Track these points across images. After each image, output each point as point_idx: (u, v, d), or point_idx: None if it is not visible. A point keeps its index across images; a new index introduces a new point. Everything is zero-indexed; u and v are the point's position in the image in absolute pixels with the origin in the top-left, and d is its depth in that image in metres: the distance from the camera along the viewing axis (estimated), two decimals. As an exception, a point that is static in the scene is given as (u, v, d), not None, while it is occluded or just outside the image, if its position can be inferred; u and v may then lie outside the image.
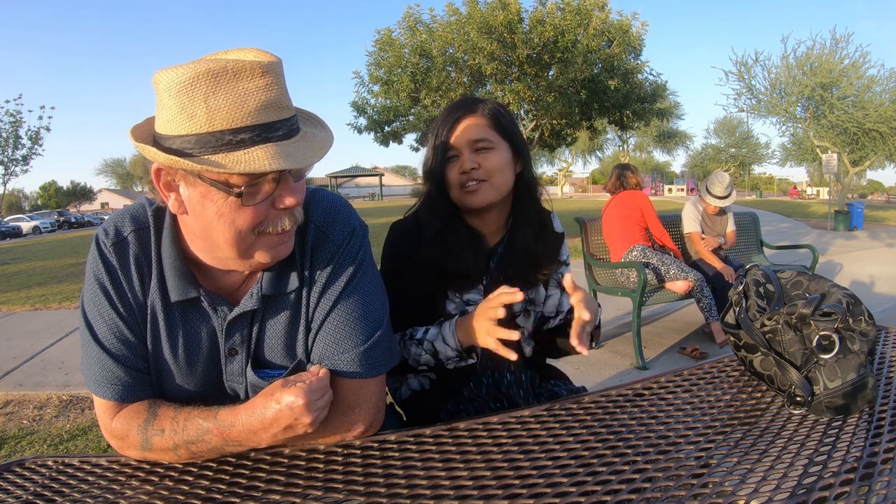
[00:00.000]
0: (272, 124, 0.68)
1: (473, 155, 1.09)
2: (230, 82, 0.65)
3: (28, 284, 7.19)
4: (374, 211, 20.30)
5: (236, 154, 0.66)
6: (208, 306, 0.80)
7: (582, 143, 37.33)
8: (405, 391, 1.17)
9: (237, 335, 0.82)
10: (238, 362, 0.83)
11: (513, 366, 1.13)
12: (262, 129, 0.67)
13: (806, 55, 14.36)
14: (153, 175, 0.72)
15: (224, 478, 0.73)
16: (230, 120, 0.65)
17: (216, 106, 0.65)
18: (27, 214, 35.96)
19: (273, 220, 0.72)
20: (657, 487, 0.64)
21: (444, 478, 0.68)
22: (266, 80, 0.67)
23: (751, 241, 4.35)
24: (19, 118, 20.42)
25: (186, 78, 0.65)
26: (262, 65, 0.66)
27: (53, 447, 2.33)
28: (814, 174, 47.77)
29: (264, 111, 0.67)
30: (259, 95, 0.66)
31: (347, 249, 0.84)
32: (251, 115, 0.66)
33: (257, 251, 0.74)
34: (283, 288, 0.81)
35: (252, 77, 0.66)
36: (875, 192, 59.35)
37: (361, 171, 46.43)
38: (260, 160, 0.65)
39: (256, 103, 0.66)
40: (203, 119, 0.65)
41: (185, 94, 0.65)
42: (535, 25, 9.48)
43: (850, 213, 11.69)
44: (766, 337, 0.91)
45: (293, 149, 0.69)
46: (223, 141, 0.65)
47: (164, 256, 0.79)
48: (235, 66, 0.65)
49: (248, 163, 0.65)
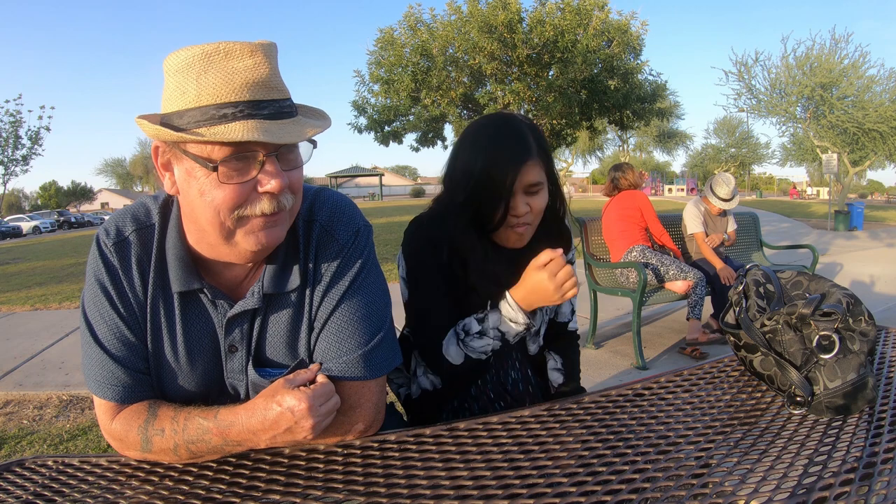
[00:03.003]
0: (258, 102, 0.68)
1: (525, 197, 1.04)
2: (221, 61, 0.67)
3: (28, 284, 7.19)
4: (374, 211, 20.31)
5: (217, 127, 0.66)
6: (208, 300, 0.80)
7: (582, 143, 37.32)
8: (415, 390, 1.15)
9: (237, 331, 0.82)
10: (238, 359, 0.83)
11: (517, 363, 1.14)
12: (246, 105, 0.67)
13: (806, 55, 14.38)
14: (153, 154, 0.74)
15: (224, 478, 0.73)
16: (216, 95, 0.66)
17: (206, 83, 0.67)
18: (27, 214, 35.99)
19: (253, 203, 0.71)
20: (657, 487, 0.64)
21: (444, 478, 0.68)
22: (255, 60, 0.68)
23: (751, 241, 4.35)
24: (19, 118, 20.41)
25: (184, 58, 0.67)
26: (252, 45, 0.68)
27: (53, 447, 2.33)
28: (814, 174, 47.78)
29: (251, 89, 0.68)
30: (246, 74, 0.67)
31: (352, 249, 0.84)
32: (236, 91, 0.67)
33: (239, 235, 0.73)
34: (285, 287, 0.81)
35: (241, 56, 0.68)
36: (875, 192, 59.35)
37: (361, 170, 46.44)
38: (235, 131, 0.66)
39: (242, 80, 0.67)
40: (193, 95, 0.67)
41: (182, 74, 0.68)
42: (535, 25, 9.48)
43: (850, 213, 11.69)
44: (766, 337, 0.91)
45: (276, 127, 0.69)
46: (208, 115, 0.66)
47: (168, 248, 0.79)
48: (227, 47, 0.67)
49: (223, 133, 0.66)
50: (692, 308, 3.35)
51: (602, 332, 3.78)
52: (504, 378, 1.12)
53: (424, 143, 12.31)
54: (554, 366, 1.24)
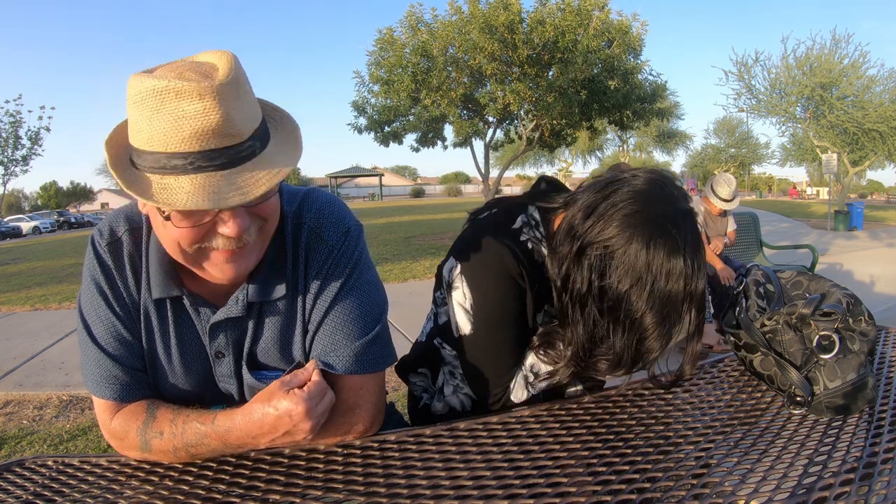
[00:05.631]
0: (209, 153, 0.62)
1: None
2: (172, 102, 0.61)
3: (28, 284, 7.19)
4: (374, 211, 20.29)
5: (167, 179, 0.63)
6: (190, 307, 0.80)
7: (582, 144, 37.29)
8: (441, 407, 1.04)
9: (221, 338, 0.81)
10: (227, 365, 0.82)
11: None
12: (196, 157, 0.62)
13: (806, 55, 14.37)
14: None
15: (224, 478, 0.73)
16: (165, 143, 0.62)
17: (157, 126, 0.62)
18: (27, 214, 35.98)
19: (210, 237, 0.69)
20: (657, 487, 0.64)
21: (444, 478, 0.68)
22: (204, 104, 0.61)
23: (751, 241, 4.35)
24: (19, 118, 20.37)
25: (139, 91, 0.62)
26: (204, 88, 0.61)
27: (53, 447, 2.33)
28: (814, 174, 47.76)
29: (201, 138, 0.62)
30: (196, 121, 0.61)
31: (342, 250, 0.83)
32: (185, 141, 0.62)
33: (206, 264, 0.72)
34: (270, 296, 0.80)
35: (191, 99, 0.61)
36: (875, 192, 59.32)
37: (361, 171, 46.45)
38: (180, 195, 0.62)
39: (192, 129, 0.61)
40: (145, 137, 0.63)
41: (137, 108, 0.63)
42: (535, 26, 9.48)
43: (849, 213, 11.70)
44: (766, 337, 0.91)
45: (226, 184, 0.63)
46: (160, 163, 0.63)
47: (150, 252, 0.79)
48: (178, 88, 0.61)
49: (169, 194, 0.62)
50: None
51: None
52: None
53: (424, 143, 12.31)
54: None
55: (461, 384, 1.00)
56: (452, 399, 1.03)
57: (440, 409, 1.05)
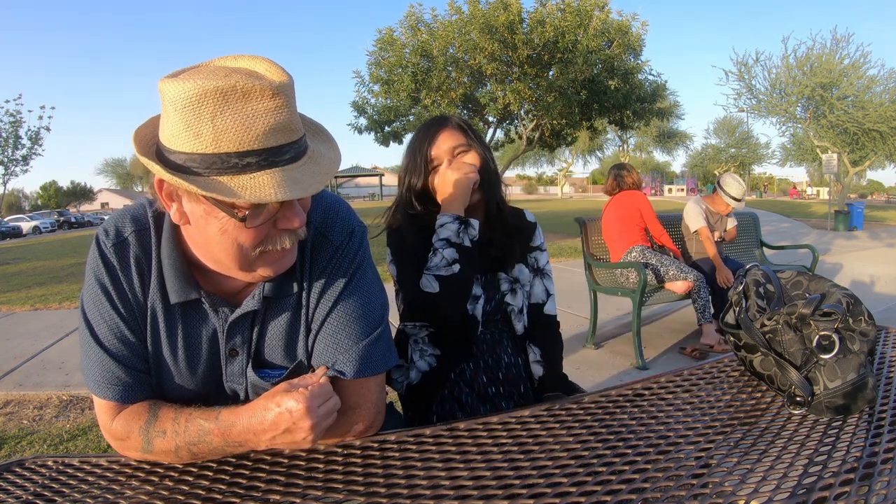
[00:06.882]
0: (279, 148, 0.65)
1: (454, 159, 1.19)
2: (238, 102, 0.62)
3: (28, 284, 7.19)
4: (374, 211, 20.22)
5: (242, 178, 0.64)
6: (209, 308, 0.80)
7: (582, 143, 37.31)
8: (414, 376, 1.19)
9: (238, 336, 0.82)
10: (238, 363, 0.83)
11: (509, 348, 1.20)
12: (269, 153, 0.64)
13: (806, 55, 14.36)
14: (156, 184, 0.70)
15: (224, 478, 0.73)
16: (237, 143, 0.63)
17: (223, 127, 0.62)
18: (27, 214, 36.00)
19: (274, 239, 0.72)
20: (657, 487, 0.64)
21: (444, 478, 0.68)
22: (276, 103, 0.64)
23: (751, 241, 4.35)
24: (19, 118, 20.40)
25: (194, 94, 0.62)
26: (272, 86, 0.64)
27: (53, 447, 2.33)
28: (814, 174, 47.77)
29: (272, 135, 0.64)
30: (268, 118, 0.63)
31: (346, 251, 0.84)
32: (258, 138, 0.63)
33: (259, 266, 0.74)
34: (286, 290, 0.81)
35: (262, 99, 0.63)
36: (875, 192, 59.31)
37: (361, 171, 46.40)
38: (266, 188, 0.64)
39: (264, 126, 0.63)
40: (209, 139, 0.63)
41: (192, 111, 0.62)
42: (535, 26, 9.49)
43: (850, 213, 11.69)
44: (766, 337, 0.91)
45: (299, 174, 0.67)
46: (229, 164, 0.63)
47: (163, 258, 0.78)
48: (245, 87, 0.62)
49: (253, 190, 0.63)
50: (702, 313, 3.31)
51: (602, 333, 3.78)
52: (497, 363, 1.17)
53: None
54: (534, 358, 1.26)
55: (424, 347, 1.19)
56: (421, 363, 1.19)
57: (415, 379, 1.19)
